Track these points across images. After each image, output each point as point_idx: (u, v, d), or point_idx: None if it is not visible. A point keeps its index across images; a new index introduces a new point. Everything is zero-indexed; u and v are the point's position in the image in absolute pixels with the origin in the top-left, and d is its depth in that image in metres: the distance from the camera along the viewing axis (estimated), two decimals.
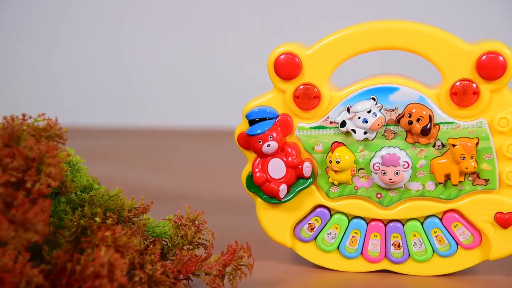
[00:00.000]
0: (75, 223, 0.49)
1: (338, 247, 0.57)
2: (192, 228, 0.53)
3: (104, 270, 0.44)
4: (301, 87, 0.55)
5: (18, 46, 1.37)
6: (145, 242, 0.52)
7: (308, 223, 0.58)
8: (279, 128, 0.56)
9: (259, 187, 0.57)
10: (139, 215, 0.53)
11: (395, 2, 1.27)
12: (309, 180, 0.56)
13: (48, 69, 1.38)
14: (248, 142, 0.56)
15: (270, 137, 0.55)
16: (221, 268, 0.50)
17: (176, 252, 0.52)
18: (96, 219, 0.48)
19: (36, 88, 1.38)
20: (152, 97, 1.37)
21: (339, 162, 0.55)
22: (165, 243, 0.54)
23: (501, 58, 0.52)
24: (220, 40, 1.34)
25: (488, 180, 0.54)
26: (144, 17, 1.35)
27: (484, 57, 0.53)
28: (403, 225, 0.56)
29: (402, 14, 1.25)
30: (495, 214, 0.55)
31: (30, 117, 0.48)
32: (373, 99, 0.55)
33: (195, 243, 0.53)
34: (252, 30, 1.32)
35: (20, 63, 1.38)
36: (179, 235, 0.53)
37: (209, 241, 0.52)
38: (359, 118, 0.54)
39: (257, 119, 0.56)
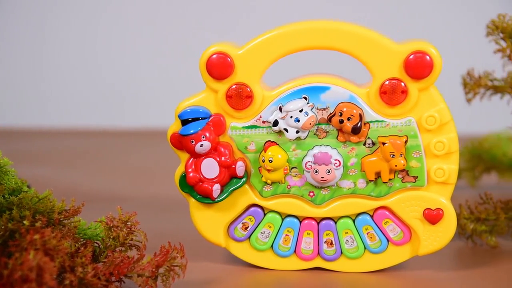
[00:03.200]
0: (3, 227, 0.48)
1: (271, 246, 0.58)
2: (124, 230, 0.52)
3: (32, 274, 0.43)
4: (234, 86, 0.55)
5: None
6: (76, 245, 0.51)
7: (242, 223, 0.58)
8: (212, 128, 0.56)
9: (192, 187, 0.56)
10: (69, 218, 0.52)
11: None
12: (243, 180, 0.56)
13: None
14: (181, 142, 0.56)
15: (203, 137, 0.55)
16: (154, 269, 0.49)
17: (108, 254, 0.52)
18: (25, 222, 0.48)
19: None
20: (85, 98, 1.35)
21: (272, 161, 0.55)
22: (97, 245, 0.53)
23: (427, 57, 0.54)
24: (152, 41, 1.33)
25: (417, 177, 0.55)
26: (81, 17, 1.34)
27: (411, 56, 0.54)
28: (336, 222, 0.57)
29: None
30: (424, 210, 0.56)
31: None
32: (305, 98, 0.55)
33: (127, 244, 0.52)
34: (185, 29, 1.32)
35: None
36: (111, 237, 0.52)
37: (141, 243, 0.52)
38: (291, 117, 0.55)
39: (190, 119, 0.56)
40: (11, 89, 1.34)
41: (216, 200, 0.56)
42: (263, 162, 0.56)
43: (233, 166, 0.56)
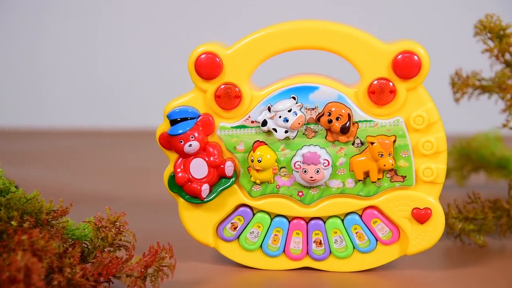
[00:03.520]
0: None
1: (260, 245, 0.58)
2: (113, 230, 0.52)
3: (20, 275, 0.43)
4: (222, 86, 0.55)
5: None
6: (65, 245, 0.51)
7: (231, 223, 0.58)
8: (200, 128, 0.56)
9: (181, 187, 0.56)
10: (58, 218, 0.52)
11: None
12: (231, 180, 0.56)
13: None
14: (169, 142, 0.56)
15: (192, 137, 0.55)
16: (142, 270, 0.49)
17: (97, 255, 0.51)
18: (13, 222, 0.47)
19: None
20: (74, 98, 1.34)
21: (260, 161, 0.55)
22: (86, 245, 0.53)
23: (415, 57, 0.54)
24: (150, 42, 1.33)
25: (405, 176, 0.56)
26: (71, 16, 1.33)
27: (399, 56, 0.54)
28: (324, 222, 0.57)
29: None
30: (412, 209, 0.56)
31: None
32: (294, 98, 0.55)
33: (116, 245, 0.52)
34: (183, 30, 1.32)
35: None
36: (100, 237, 0.52)
37: (130, 243, 0.52)
38: (280, 117, 0.55)
39: (179, 119, 0.56)
40: (8, 89, 1.34)
41: (205, 200, 0.56)
42: (252, 162, 0.56)
43: (222, 166, 0.56)
